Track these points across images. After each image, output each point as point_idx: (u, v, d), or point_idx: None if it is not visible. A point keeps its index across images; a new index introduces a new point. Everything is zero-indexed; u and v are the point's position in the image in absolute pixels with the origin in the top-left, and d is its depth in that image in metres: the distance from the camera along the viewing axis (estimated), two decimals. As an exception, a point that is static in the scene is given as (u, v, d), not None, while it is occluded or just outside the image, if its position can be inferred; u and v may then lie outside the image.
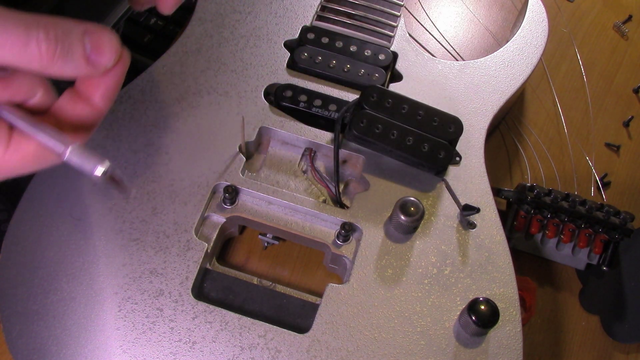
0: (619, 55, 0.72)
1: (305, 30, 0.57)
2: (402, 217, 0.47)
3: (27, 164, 0.35)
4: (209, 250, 0.48)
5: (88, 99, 0.37)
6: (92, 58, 0.34)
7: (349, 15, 0.59)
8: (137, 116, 0.52)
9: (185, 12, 0.67)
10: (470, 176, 0.52)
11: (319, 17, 0.59)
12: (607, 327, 0.56)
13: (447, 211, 0.51)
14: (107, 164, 0.35)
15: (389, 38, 0.58)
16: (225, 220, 0.50)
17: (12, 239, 0.46)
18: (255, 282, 0.50)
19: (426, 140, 0.50)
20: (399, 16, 0.59)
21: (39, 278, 0.45)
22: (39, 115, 0.36)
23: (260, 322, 0.45)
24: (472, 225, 0.50)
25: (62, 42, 0.33)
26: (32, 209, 0.47)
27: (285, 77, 0.55)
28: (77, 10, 0.54)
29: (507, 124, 0.66)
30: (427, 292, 0.47)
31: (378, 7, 0.59)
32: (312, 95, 0.54)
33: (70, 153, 0.34)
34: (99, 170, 0.34)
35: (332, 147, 0.52)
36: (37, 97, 0.36)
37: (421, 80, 0.57)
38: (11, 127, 0.35)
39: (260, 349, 0.44)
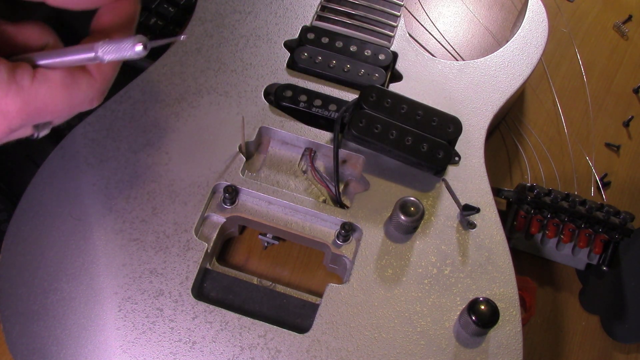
0: (619, 55, 0.72)
1: (305, 30, 0.57)
2: (402, 217, 0.47)
3: (57, 92, 0.36)
4: (209, 250, 0.48)
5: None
6: None
7: (349, 15, 0.59)
8: (137, 116, 0.52)
9: (185, 12, 0.67)
10: (470, 176, 0.52)
11: (319, 17, 0.59)
12: (607, 327, 0.56)
13: (447, 211, 0.51)
14: (141, 37, 0.34)
15: (389, 38, 0.58)
16: (225, 220, 0.50)
17: (12, 239, 0.46)
18: (255, 282, 0.50)
19: (425, 140, 0.50)
20: (399, 16, 0.59)
21: (39, 278, 0.45)
22: None
23: (260, 322, 0.45)
24: (472, 225, 0.50)
25: None
26: (32, 209, 0.47)
27: (285, 77, 0.55)
28: (78, 13, 0.54)
29: (507, 124, 0.66)
30: (427, 292, 0.47)
31: (378, 7, 0.59)
32: (312, 95, 0.54)
33: (103, 49, 0.34)
34: (139, 47, 0.34)
35: (332, 147, 0.52)
36: (50, 46, 0.37)
37: (421, 80, 0.57)
38: (35, 66, 0.35)
39: (260, 349, 0.44)
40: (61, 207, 0.47)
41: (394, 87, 0.56)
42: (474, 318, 0.44)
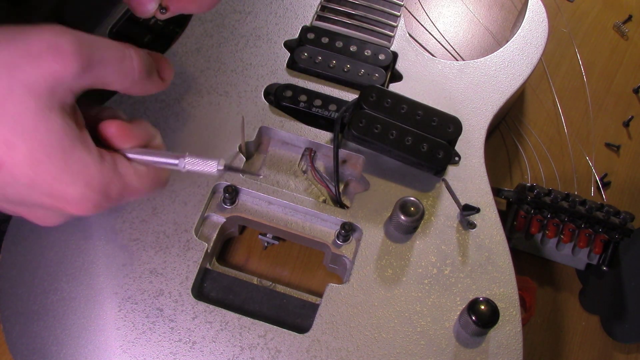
0: (619, 55, 0.72)
1: (305, 30, 0.57)
2: (402, 217, 0.47)
3: (147, 189, 0.38)
4: (209, 250, 0.48)
5: None
6: (163, 75, 0.39)
7: (349, 15, 0.59)
8: (137, 116, 0.51)
9: (185, 12, 0.67)
10: (470, 176, 0.52)
11: (319, 17, 0.59)
12: (607, 327, 0.56)
13: (447, 211, 0.51)
14: (221, 161, 0.38)
15: (389, 38, 0.58)
16: (225, 220, 0.50)
17: (12, 239, 0.46)
18: (255, 282, 0.50)
19: (425, 140, 0.50)
20: (399, 16, 0.59)
21: (39, 278, 0.45)
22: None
23: (260, 322, 0.45)
24: (472, 225, 0.50)
25: (146, 59, 0.36)
26: (32, 209, 0.47)
27: (285, 77, 0.55)
28: (78, 10, 0.54)
29: (507, 124, 0.66)
30: (427, 292, 0.47)
31: (378, 7, 0.59)
32: (312, 95, 0.54)
33: (187, 163, 0.38)
34: (218, 169, 0.38)
35: (332, 147, 0.52)
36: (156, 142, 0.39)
37: (421, 80, 0.57)
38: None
39: (260, 349, 0.44)
40: (61, 207, 0.47)
41: (394, 87, 0.56)
42: (474, 318, 0.44)
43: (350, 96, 0.55)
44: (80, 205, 0.34)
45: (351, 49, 0.56)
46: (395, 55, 0.58)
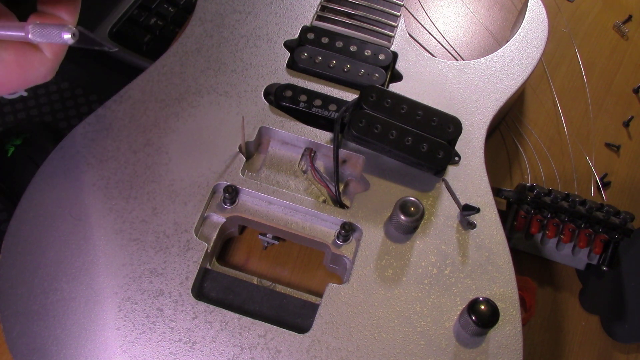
0: (619, 55, 0.72)
1: (305, 30, 0.57)
2: (402, 217, 0.47)
3: (13, 72, 0.38)
4: (209, 250, 0.48)
5: None
6: None
7: (349, 15, 0.59)
8: (137, 116, 0.52)
9: (185, 12, 0.67)
10: (470, 176, 0.52)
11: (319, 17, 0.59)
12: (607, 327, 0.56)
13: (447, 211, 0.51)
14: (70, 28, 0.36)
15: (389, 38, 0.58)
16: (225, 220, 0.50)
17: (12, 239, 0.46)
18: (255, 282, 0.50)
19: (425, 140, 0.50)
20: (399, 16, 0.59)
21: (39, 278, 0.45)
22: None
23: (260, 322, 0.45)
24: (472, 225, 0.50)
25: None
26: (32, 209, 0.47)
27: (285, 77, 0.55)
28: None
29: (507, 124, 0.66)
30: (427, 292, 0.47)
31: (378, 7, 0.59)
32: (312, 95, 0.54)
33: (33, 33, 0.36)
34: (67, 36, 0.36)
35: (332, 147, 0.52)
36: None
37: (421, 80, 0.57)
38: None
39: (260, 349, 0.44)
40: (61, 207, 0.47)
41: (394, 87, 0.56)
42: (474, 318, 0.44)
43: (350, 96, 0.55)
44: None
45: (351, 49, 0.56)
46: (395, 55, 0.58)
